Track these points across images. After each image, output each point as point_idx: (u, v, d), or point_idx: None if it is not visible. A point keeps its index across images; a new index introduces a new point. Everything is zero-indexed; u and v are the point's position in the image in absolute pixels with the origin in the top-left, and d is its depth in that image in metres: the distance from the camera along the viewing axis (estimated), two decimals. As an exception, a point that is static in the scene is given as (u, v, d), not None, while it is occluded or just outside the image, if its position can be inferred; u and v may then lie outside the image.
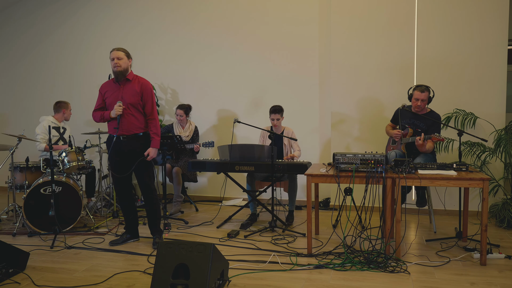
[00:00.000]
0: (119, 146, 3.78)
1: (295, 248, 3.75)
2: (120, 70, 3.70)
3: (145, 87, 3.79)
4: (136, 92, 3.74)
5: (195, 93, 5.92)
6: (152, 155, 3.77)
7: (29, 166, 4.65)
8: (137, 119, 3.77)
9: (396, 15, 5.02)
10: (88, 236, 4.21)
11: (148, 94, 3.79)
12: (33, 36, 6.58)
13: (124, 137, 3.76)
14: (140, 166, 3.82)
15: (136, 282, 3.04)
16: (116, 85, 3.80)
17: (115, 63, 3.69)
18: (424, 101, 4.08)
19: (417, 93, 4.08)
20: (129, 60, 3.79)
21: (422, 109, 4.16)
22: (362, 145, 5.19)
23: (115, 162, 3.86)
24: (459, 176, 3.33)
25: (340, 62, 5.23)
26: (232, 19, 5.75)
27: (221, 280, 2.86)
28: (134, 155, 3.78)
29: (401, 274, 3.14)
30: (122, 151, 3.78)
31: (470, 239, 3.89)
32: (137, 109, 3.76)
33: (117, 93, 3.77)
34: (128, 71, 3.78)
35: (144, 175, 3.85)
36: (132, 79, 3.80)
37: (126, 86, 3.77)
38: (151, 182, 3.88)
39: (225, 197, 5.70)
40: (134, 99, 3.73)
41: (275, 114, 4.72)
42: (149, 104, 3.80)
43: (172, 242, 2.73)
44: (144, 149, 3.78)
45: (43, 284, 3.03)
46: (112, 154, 3.85)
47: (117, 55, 3.71)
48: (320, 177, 3.55)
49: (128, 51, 3.81)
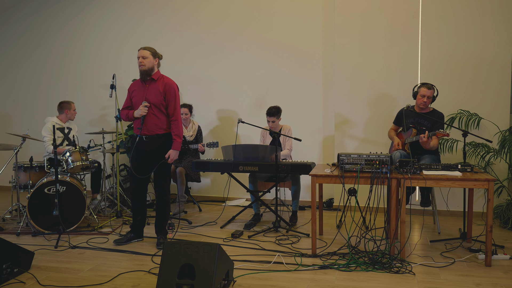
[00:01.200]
0: (141, 146, 3.78)
1: (299, 248, 3.75)
2: (145, 69, 3.70)
3: (169, 87, 3.77)
4: (159, 92, 3.73)
5: (198, 93, 5.92)
6: (173, 157, 3.75)
7: (33, 166, 4.66)
8: (160, 119, 3.75)
9: (400, 16, 5.02)
10: (92, 236, 4.21)
11: (172, 94, 3.77)
12: (36, 37, 6.59)
13: (146, 137, 3.76)
14: (159, 168, 3.81)
15: (141, 282, 3.04)
16: (142, 84, 3.80)
17: (140, 62, 3.70)
18: (430, 98, 4.16)
19: (423, 89, 4.15)
20: (155, 60, 3.78)
21: (426, 107, 4.19)
22: (366, 146, 5.19)
23: (136, 162, 3.85)
24: (464, 177, 3.33)
25: (343, 63, 5.22)
26: (236, 20, 5.75)
27: (226, 280, 2.85)
28: (154, 156, 3.77)
29: (406, 274, 3.14)
30: (143, 150, 3.78)
31: (474, 240, 3.88)
32: (159, 109, 3.74)
33: (142, 93, 3.76)
34: (153, 71, 3.77)
35: (161, 177, 3.85)
36: (158, 78, 3.79)
37: (151, 86, 3.76)
38: (166, 184, 3.88)
39: (228, 197, 5.70)
40: (157, 99, 3.72)
41: (270, 117, 4.71)
42: (171, 105, 3.77)
43: (178, 242, 2.73)
44: (163, 149, 3.77)
45: (48, 284, 3.03)
46: (134, 153, 3.84)
47: (143, 54, 3.71)
48: (325, 177, 3.55)
49: (155, 50, 3.79)
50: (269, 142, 4.92)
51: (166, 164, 3.83)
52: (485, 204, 4.55)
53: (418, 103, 4.21)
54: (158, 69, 3.85)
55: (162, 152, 3.77)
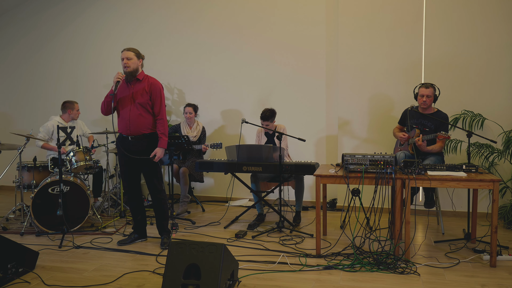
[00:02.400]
0: (127, 145, 3.78)
1: (303, 249, 3.75)
2: (130, 70, 3.71)
3: (154, 86, 3.78)
4: (145, 92, 3.74)
5: (201, 93, 5.92)
6: (159, 155, 3.76)
7: (36, 166, 4.66)
8: (146, 118, 3.77)
9: (403, 16, 5.01)
10: (96, 236, 4.21)
11: (157, 94, 3.79)
12: (39, 36, 6.59)
13: (132, 137, 3.76)
14: (148, 167, 3.83)
15: (146, 282, 3.04)
16: (127, 85, 3.80)
17: (124, 63, 3.70)
18: (430, 97, 4.15)
19: (422, 89, 4.19)
20: (139, 60, 3.79)
21: (429, 106, 4.20)
22: (369, 146, 5.18)
23: (123, 162, 3.87)
24: (469, 178, 3.32)
25: (347, 63, 5.22)
26: (239, 20, 5.75)
27: (231, 281, 2.85)
28: (141, 155, 3.78)
29: (411, 275, 3.14)
30: (130, 150, 3.78)
31: (478, 241, 3.88)
32: (145, 109, 3.76)
33: (128, 93, 3.77)
34: (138, 71, 3.78)
35: (152, 176, 3.85)
36: (143, 79, 3.80)
37: (136, 86, 3.77)
38: (158, 182, 3.89)
39: (231, 197, 5.70)
40: (143, 99, 3.73)
41: (264, 121, 4.71)
42: (157, 104, 3.79)
43: (183, 242, 2.73)
44: (150, 149, 3.78)
45: (53, 284, 3.03)
46: (120, 153, 3.86)
47: (127, 55, 3.71)
48: (329, 178, 3.55)
49: (138, 51, 3.80)
50: (264, 142, 4.93)
51: (154, 163, 3.83)
52: (489, 204, 4.55)
53: (419, 104, 4.23)
54: (142, 70, 3.85)
55: (149, 152, 3.77)
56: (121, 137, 3.83)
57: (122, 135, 3.81)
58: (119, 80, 3.67)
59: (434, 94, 4.18)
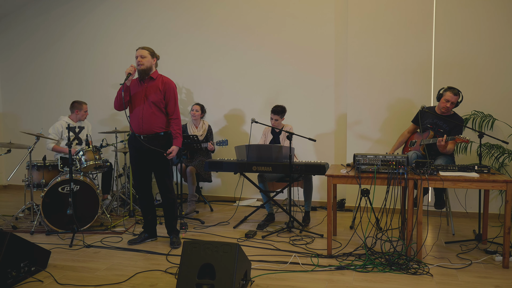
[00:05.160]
0: (139, 144, 3.78)
1: (314, 249, 3.74)
2: (143, 68, 3.71)
3: (168, 86, 3.79)
4: (159, 90, 3.74)
5: (209, 93, 5.92)
6: (174, 153, 3.77)
7: (46, 165, 4.67)
8: (159, 117, 3.77)
9: (413, 15, 5.00)
10: (106, 235, 4.22)
11: (171, 93, 3.79)
12: (45, 36, 6.59)
13: (145, 136, 3.76)
14: (159, 166, 3.83)
15: (159, 282, 3.04)
16: (140, 83, 3.80)
17: (138, 61, 3.71)
18: (453, 104, 4.11)
19: (449, 94, 4.09)
20: (154, 59, 3.79)
21: (448, 112, 4.16)
22: (378, 147, 5.17)
23: (134, 161, 3.87)
24: (481, 178, 3.31)
25: (356, 63, 5.21)
26: (247, 20, 5.74)
27: (244, 280, 2.85)
28: (154, 154, 3.78)
29: (423, 276, 3.12)
30: (142, 149, 3.78)
31: (490, 242, 3.86)
32: (158, 107, 3.75)
33: (141, 91, 3.77)
34: (152, 70, 3.78)
35: (163, 175, 3.85)
36: (156, 78, 3.80)
37: (150, 85, 3.77)
38: (169, 182, 3.89)
39: (239, 197, 5.69)
40: (156, 98, 3.73)
41: (275, 115, 4.75)
42: (171, 103, 3.80)
43: (197, 242, 2.73)
44: (163, 148, 3.78)
45: (66, 283, 3.03)
46: (132, 152, 3.86)
47: (141, 53, 3.72)
48: (341, 178, 3.54)
49: (153, 50, 3.81)
50: (270, 139, 4.93)
51: (166, 162, 3.83)
52: (501, 205, 4.54)
53: (440, 106, 4.17)
54: (156, 69, 3.85)
55: (161, 151, 3.76)
56: (133, 136, 3.83)
57: (135, 134, 3.80)
58: (130, 72, 3.66)
59: (458, 101, 4.13)
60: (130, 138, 3.88)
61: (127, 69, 3.68)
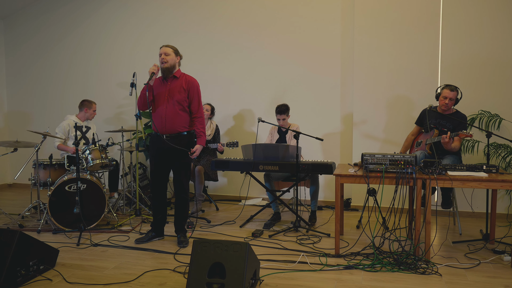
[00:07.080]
0: (161, 143, 3.76)
1: (321, 248, 3.74)
2: (167, 66, 3.71)
3: (192, 84, 3.79)
4: (183, 89, 3.74)
5: (216, 93, 5.91)
6: (198, 152, 3.78)
7: (52, 163, 4.67)
8: (182, 117, 3.76)
9: (420, 15, 4.99)
10: (112, 233, 4.22)
11: (195, 91, 3.79)
12: (51, 35, 6.60)
13: (167, 136, 3.75)
14: (180, 165, 3.82)
15: (168, 281, 3.04)
16: (163, 82, 3.80)
17: (162, 59, 3.71)
18: (452, 100, 4.12)
19: (446, 91, 4.12)
20: (177, 58, 3.79)
21: (449, 109, 4.16)
22: (384, 146, 5.17)
23: (154, 162, 3.86)
24: (490, 178, 3.30)
25: (362, 62, 5.20)
26: (254, 19, 5.74)
27: (254, 280, 2.85)
28: (176, 154, 3.76)
29: (432, 275, 3.12)
30: (164, 148, 3.76)
31: (498, 242, 3.85)
32: (182, 106, 3.75)
33: (164, 90, 3.76)
34: (175, 68, 3.78)
35: (182, 174, 3.85)
36: (180, 76, 3.80)
37: (173, 83, 3.76)
38: (186, 182, 3.89)
39: (246, 196, 5.69)
40: (180, 96, 3.73)
41: (281, 115, 4.75)
42: (195, 102, 3.80)
43: (207, 241, 2.72)
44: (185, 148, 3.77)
45: (74, 281, 3.03)
46: (153, 153, 3.85)
47: (165, 51, 3.72)
48: (349, 177, 3.53)
49: (177, 49, 3.80)
50: (276, 138, 4.93)
51: (188, 162, 3.83)
52: (509, 205, 4.53)
53: (440, 105, 4.19)
54: (179, 68, 3.85)
55: (183, 150, 3.76)
56: (155, 135, 3.80)
57: (157, 133, 3.78)
58: (154, 71, 3.66)
59: (456, 98, 4.14)
60: (152, 138, 3.87)
61: (150, 68, 3.68)
